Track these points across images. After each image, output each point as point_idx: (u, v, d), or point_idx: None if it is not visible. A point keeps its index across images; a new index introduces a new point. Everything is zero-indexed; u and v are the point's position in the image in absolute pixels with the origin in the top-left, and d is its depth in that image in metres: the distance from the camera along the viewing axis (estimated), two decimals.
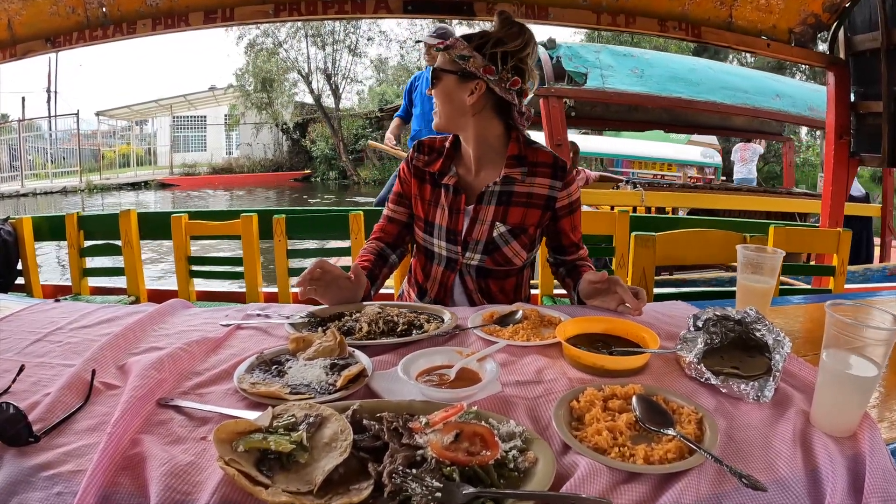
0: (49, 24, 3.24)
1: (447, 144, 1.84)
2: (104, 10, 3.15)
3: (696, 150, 13.47)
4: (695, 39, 3.33)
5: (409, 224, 1.92)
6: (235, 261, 2.96)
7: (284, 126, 26.77)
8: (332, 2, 2.94)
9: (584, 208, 2.28)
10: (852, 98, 3.73)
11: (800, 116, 6.52)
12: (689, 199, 6.47)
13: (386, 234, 1.92)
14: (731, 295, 1.71)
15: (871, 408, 1.08)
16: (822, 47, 3.80)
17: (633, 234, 2.27)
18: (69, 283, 3.23)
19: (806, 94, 6.80)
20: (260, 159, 27.80)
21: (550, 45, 5.54)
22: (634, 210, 5.90)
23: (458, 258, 1.81)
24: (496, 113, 1.74)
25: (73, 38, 3.25)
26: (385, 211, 1.96)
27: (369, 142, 6.54)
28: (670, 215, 5.94)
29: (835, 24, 3.60)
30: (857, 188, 6.78)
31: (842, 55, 3.69)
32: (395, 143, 5.35)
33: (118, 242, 3.06)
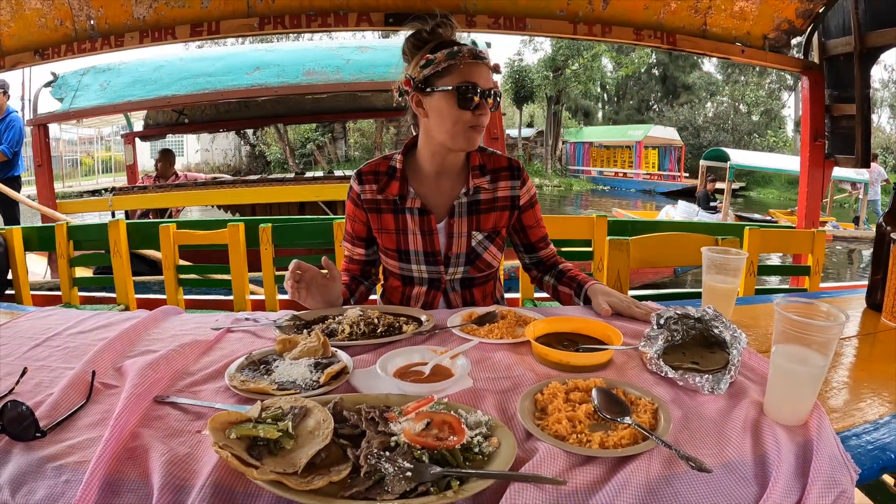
0: (38, 37, 3.29)
1: (396, 165, 1.79)
2: (92, 22, 3.20)
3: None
4: (670, 48, 3.43)
5: (372, 260, 1.93)
6: (223, 269, 3.01)
7: (241, 130, 26.60)
8: (315, 15, 3.00)
9: None
10: (827, 101, 3.85)
11: (286, 85, 5.58)
12: (155, 199, 6.09)
13: (350, 271, 1.92)
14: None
15: (829, 398, 1.16)
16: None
17: (609, 238, 2.35)
18: (59, 294, 3.26)
19: (310, 56, 5.89)
20: (218, 164, 27.74)
21: (54, 78, 5.92)
22: (127, 215, 6.09)
23: (442, 276, 1.82)
24: None
25: (61, 51, 3.30)
26: (345, 251, 1.95)
27: None
28: (649, 219, 5.82)
29: (809, 30, 3.71)
30: None
31: (816, 59, 3.80)
32: None
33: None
